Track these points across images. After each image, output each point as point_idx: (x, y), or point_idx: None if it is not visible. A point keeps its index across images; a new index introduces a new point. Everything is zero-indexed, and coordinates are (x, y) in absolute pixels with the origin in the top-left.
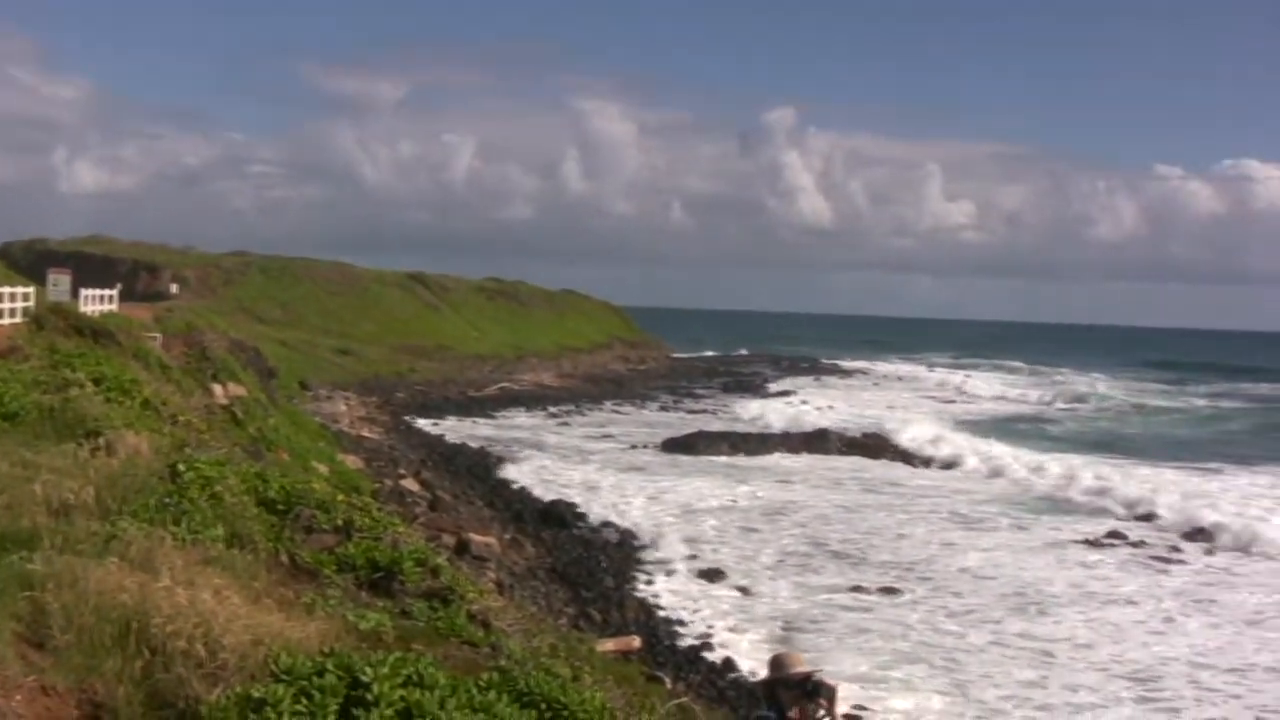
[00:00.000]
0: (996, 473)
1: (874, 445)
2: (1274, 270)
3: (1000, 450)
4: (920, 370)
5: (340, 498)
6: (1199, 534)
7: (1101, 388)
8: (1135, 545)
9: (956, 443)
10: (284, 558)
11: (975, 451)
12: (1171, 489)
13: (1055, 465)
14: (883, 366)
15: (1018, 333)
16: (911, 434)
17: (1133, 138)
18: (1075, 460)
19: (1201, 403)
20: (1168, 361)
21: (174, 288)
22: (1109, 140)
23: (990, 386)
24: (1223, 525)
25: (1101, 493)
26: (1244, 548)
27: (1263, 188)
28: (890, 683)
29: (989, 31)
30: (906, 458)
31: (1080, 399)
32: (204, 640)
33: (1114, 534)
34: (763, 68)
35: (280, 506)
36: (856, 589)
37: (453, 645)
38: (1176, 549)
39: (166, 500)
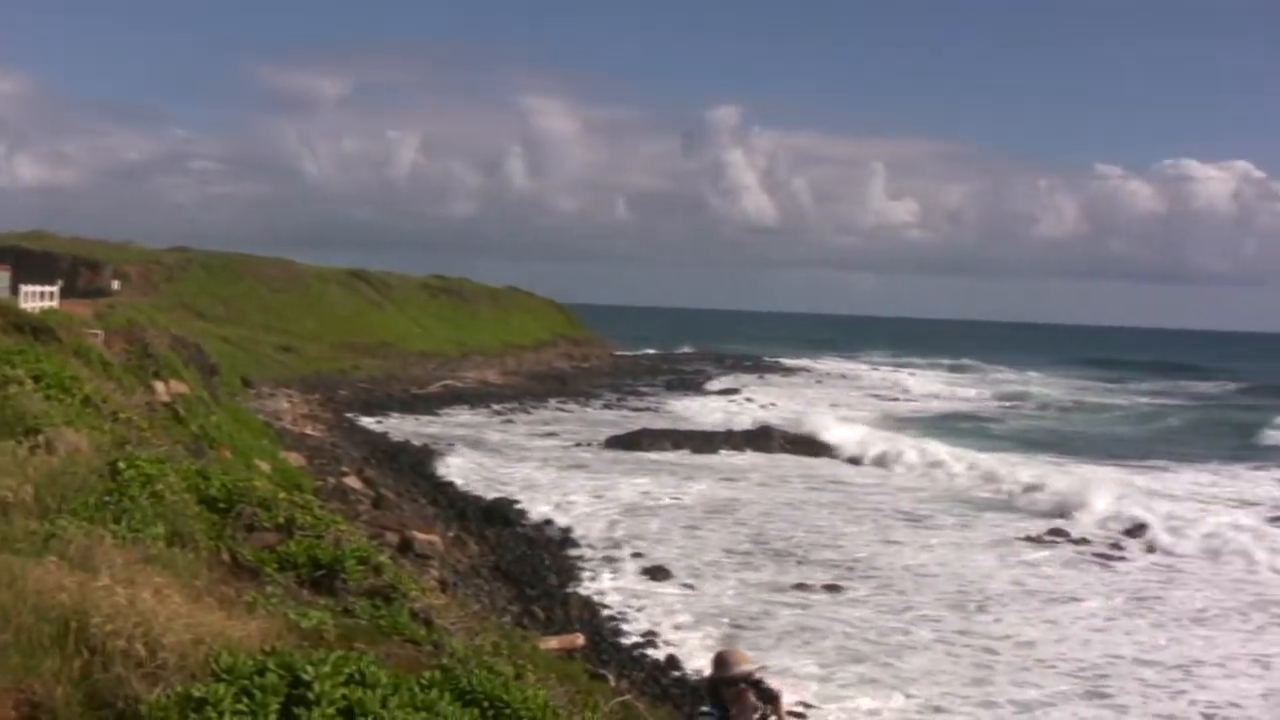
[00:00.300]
0: (938, 471)
1: (816, 443)
2: (1212, 269)
3: (942, 448)
4: (863, 368)
5: (282, 495)
6: (1140, 531)
7: (1040, 386)
8: (1077, 543)
9: (898, 441)
10: (225, 556)
11: (917, 449)
12: (1113, 486)
13: (996, 463)
14: (825, 364)
15: (960, 330)
16: (850, 432)
17: (1073, 137)
18: (1016, 458)
19: (1142, 400)
20: (1108, 360)
21: (115, 284)
22: (1050, 139)
23: (932, 384)
24: (1164, 522)
25: (1043, 490)
26: (1185, 545)
27: (1201, 187)
28: (834, 680)
29: (931, 31)
30: (848, 456)
31: (1020, 397)
32: (144, 639)
33: (1056, 531)
34: (707, 66)
35: (222, 504)
36: (800, 586)
37: (395, 643)
38: (1118, 546)
39: (106, 498)
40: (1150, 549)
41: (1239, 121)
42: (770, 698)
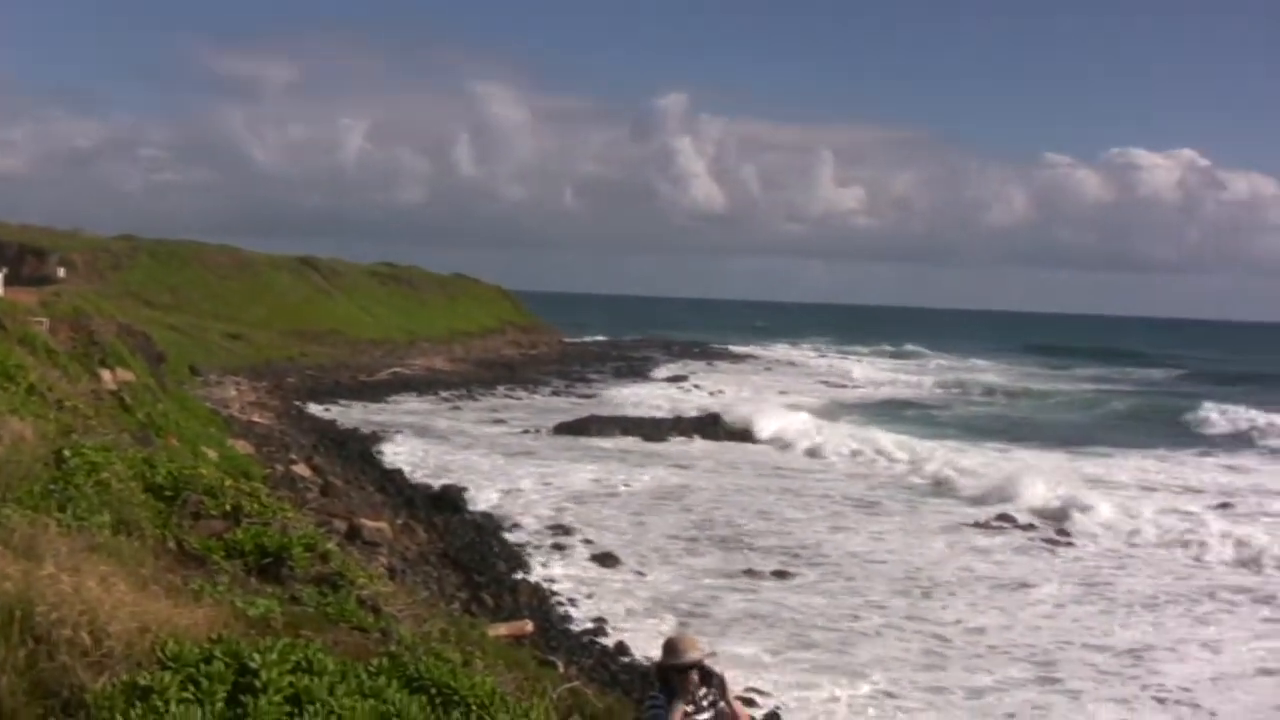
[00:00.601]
0: (883, 458)
1: (762, 431)
2: (1158, 257)
3: (889, 436)
4: (810, 355)
5: (229, 483)
6: (1086, 517)
7: (985, 373)
8: (1025, 529)
9: (843, 428)
10: (172, 544)
11: (863, 437)
12: (1058, 472)
13: (941, 449)
14: (773, 351)
15: (907, 317)
16: (796, 420)
17: (1023, 126)
18: (961, 444)
19: (1086, 386)
20: (1053, 346)
21: (61, 272)
22: (1000, 128)
23: (876, 371)
24: (1109, 509)
25: (988, 477)
26: (1132, 531)
27: (1148, 175)
28: (785, 667)
29: (881, 18)
30: (793, 443)
31: (964, 384)
32: (89, 628)
33: (1003, 517)
34: (655, 53)
35: (168, 492)
36: (749, 573)
37: (342, 631)
38: (1065, 532)
39: (51, 486)
40: (1097, 535)
41: (1186, 110)
42: (718, 683)
